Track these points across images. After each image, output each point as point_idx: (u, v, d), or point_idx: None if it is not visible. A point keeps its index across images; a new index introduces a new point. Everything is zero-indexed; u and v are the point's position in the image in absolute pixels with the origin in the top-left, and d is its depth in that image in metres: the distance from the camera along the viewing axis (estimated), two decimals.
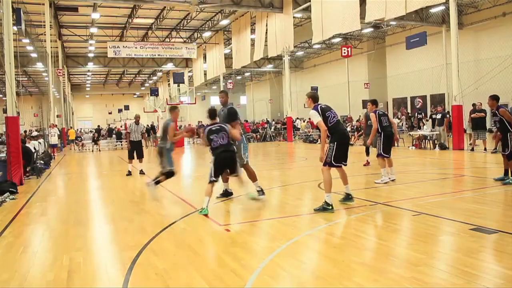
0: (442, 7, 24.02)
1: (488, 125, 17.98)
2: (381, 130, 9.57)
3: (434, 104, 30.75)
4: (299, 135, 31.98)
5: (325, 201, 6.78)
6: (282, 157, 19.15)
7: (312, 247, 5.24)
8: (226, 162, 7.44)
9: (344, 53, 24.27)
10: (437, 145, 17.99)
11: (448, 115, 19.07)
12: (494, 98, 9.05)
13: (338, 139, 6.85)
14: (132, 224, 6.69)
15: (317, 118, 6.86)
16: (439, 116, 18.42)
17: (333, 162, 6.85)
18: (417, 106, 33.31)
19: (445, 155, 15.93)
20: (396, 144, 10.89)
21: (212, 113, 7.69)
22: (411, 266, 4.25)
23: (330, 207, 6.73)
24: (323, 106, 6.96)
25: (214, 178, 7.28)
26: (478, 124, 16.37)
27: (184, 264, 4.66)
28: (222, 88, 41.97)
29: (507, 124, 8.71)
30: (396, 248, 4.97)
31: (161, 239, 5.67)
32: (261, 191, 7.96)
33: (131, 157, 13.35)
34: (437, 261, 4.52)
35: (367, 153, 13.06)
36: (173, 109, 9.31)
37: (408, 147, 19.41)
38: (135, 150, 13.28)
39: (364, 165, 12.90)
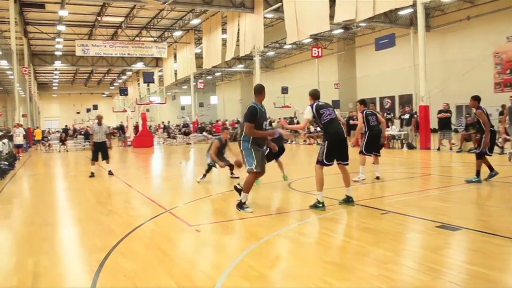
0: (410, 10, 24.48)
1: (467, 125, 18.42)
2: (367, 129, 9.74)
3: (402, 104, 31.34)
4: None
5: (317, 199, 6.79)
6: None
7: (282, 247, 5.26)
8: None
9: (315, 53, 24.51)
10: (404, 145, 18.33)
11: (415, 115, 19.46)
12: (476, 99, 9.14)
13: (329, 138, 6.84)
14: (100, 225, 6.57)
15: (306, 115, 6.97)
16: (407, 116, 18.78)
17: (324, 160, 6.81)
18: (386, 107, 33.86)
19: (412, 154, 16.25)
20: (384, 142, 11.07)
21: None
22: (380, 264, 4.31)
23: (321, 205, 6.72)
24: (320, 104, 6.97)
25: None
26: (444, 124, 16.79)
27: (154, 265, 4.60)
28: (192, 88, 41.74)
29: (482, 126, 8.83)
30: (365, 247, 5.03)
31: (130, 241, 5.59)
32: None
33: (94, 159, 12.92)
34: (404, 258, 4.61)
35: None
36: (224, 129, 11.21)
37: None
38: (100, 151, 12.90)
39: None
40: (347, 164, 7.02)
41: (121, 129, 34.05)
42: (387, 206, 6.92)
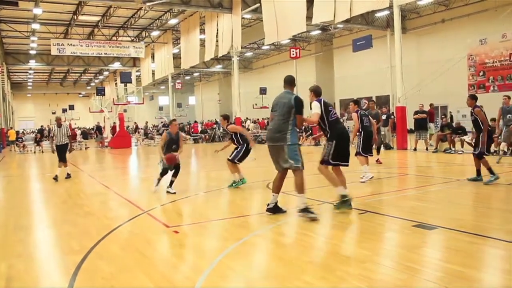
0: (386, 12, 24.82)
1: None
2: (361, 129, 9.79)
3: (379, 105, 31.66)
4: None
5: (340, 195, 6.60)
6: None
7: (261, 247, 5.26)
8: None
9: (293, 54, 24.62)
10: (382, 145, 18.54)
11: (392, 116, 19.71)
12: (473, 98, 9.06)
13: (337, 137, 6.66)
14: (77, 227, 6.46)
15: (317, 110, 6.63)
16: (384, 117, 18.99)
17: (330, 160, 6.67)
18: (363, 107, 34.22)
19: (389, 154, 16.45)
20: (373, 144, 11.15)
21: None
22: (358, 263, 4.35)
23: (346, 198, 6.56)
24: (325, 101, 6.79)
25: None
26: (420, 125, 17.05)
27: (132, 267, 4.55)
28: (170, 88, 41.48)
29: (480, 124, 8.78)
30: (343, 246, 5.07)
31: (108, 242, 5.51)
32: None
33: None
34: (383, 257, 4.65)
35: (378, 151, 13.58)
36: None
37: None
38: (59, 154, 12.24)
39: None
40: (347, 165, 6.88)
41: (98, 129, 33.61)
42: (365, 206, 6.97)
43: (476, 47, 24.42)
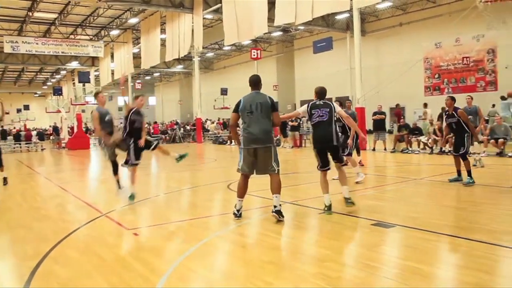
0: (346, 15, 25.22)
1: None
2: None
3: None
4: (208, 137, 31.97)
5: (344, 198, 6.61)
6: (192, 159, 19.00)
7: (222, 248, 5.24)
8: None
9: (254, 55, 24.68)
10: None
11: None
12: (453, 99, 8.95)
13: (313, 142, 6.70)
14: (32, 231, 6.25)
15: (300, 109, 6.85)
16: None
17: (317, 167, 6.67)
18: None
19: None
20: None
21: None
22: (318, 262, 4.40)
23: (349, 200, 6.56)
24: (316, 103, 6.64)
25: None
26: (378, 126, 17.44)
27: (89, 271, 4.44)
28: (130, 88, 40.79)
29: (464, 125, 8.73)
30: (303, 246, 5.12)
31: (64, 247, 5.36)
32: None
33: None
34: (342, 256, 4.74)
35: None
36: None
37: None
38: None
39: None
40: (329, 169, 6.70)
41: (55, 130, 32.68)
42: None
43: (431, 51, 25.11)
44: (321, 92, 6.80)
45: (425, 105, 20.18)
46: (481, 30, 18.80)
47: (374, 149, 17.38)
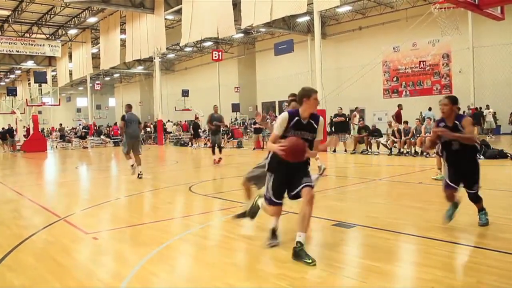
0: (307, 17, 25.56)
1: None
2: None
3: None
4: (169, 139, 31.66)
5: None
6: (153, 161, 18.75)
7: (184, 251, 5.19)
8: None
9: (215, 57, 24.68)
10: None
11: None
12: (454, 101, 8.88)
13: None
14: None
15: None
16: None
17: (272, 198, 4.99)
18: (285, 110, 34.96)
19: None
20: None
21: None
22: (280, 263, 4.42)
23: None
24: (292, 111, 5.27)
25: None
26: (339, 127, 17.73)
27: (46, 277, 4.30)
28: (89, 89, 39.93)
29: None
30: (265, 247, 5.13)
31: (19, 253, 5.16)
32: None
33: None
34: None
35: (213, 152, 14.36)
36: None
37: None
38: None
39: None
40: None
41: (9, 132, 31.51)
42: (285, 207, 7.08)
43: (390, 54, 25.80)
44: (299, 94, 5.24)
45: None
46: (436, 35, 19.43)
47: (334, 150, 17.63)
